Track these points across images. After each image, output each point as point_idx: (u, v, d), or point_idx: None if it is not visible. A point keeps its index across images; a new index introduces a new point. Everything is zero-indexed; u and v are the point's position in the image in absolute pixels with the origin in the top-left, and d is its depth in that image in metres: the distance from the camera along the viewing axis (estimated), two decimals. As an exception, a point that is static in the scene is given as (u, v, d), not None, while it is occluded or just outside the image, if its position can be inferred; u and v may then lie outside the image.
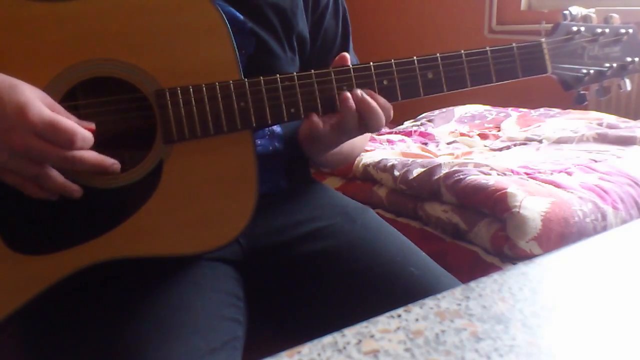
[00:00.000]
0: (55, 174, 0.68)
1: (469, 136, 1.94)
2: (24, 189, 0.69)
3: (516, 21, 2.88)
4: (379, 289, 0.84)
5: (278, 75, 0.78)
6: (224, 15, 0.76)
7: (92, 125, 0.70)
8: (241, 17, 0.86)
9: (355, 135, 0.85)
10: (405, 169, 1.43)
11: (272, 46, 0.90)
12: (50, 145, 0.66)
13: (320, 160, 1.02)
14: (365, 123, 0.81)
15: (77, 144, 0.67)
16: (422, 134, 1.96)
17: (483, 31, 3.00)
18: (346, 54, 0.83)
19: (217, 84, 0.75)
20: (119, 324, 0.72)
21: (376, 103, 0.81)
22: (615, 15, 0.93)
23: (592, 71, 0.92)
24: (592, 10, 0.94)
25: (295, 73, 0.79)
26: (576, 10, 0.93)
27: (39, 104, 0.66)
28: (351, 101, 0.79)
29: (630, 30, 0.93)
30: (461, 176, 1.31)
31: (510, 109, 2.19)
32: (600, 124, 1.81)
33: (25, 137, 0.65)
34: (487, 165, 1.40)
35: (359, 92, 0.80)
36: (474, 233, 1.25)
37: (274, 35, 0.90)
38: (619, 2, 2.42)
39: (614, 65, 0.93)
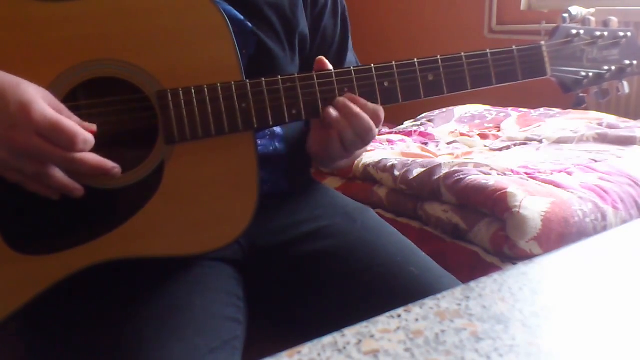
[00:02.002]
0: (57, 173, 0.69)
1: (469, 136, 1.94)
2: (25, 185, 0.70)
3: (516, 21, 2.88)
4: (379, 289, 0.84)
5: (280, 76, 0.78)
6: (226, 17, 0.76)
7: (94, 127, 0.70)
8: (241, 17, 0.86)
9: (356, 145, 0.83)
10: (405, 169, 1.44)
11: (272, 46, 0.90)
12: (51, 145, 0.66)
13: (328, 167, 1.01)
14: (352, 128, 0.80)
15: (79, 145, 0.67)
16: (422, 134, 1.96)
17: (483, 31, 3.00)
18: (323, 58, 0.82)
19: (218, 84, 0.75)
20: (119, 323, 0.72)
21: (359, 107, 0.79)
22: (614, 19, 0.93)
23: (591, 74, 0.92)
24: (592, 10, 0.94)
25: (296, 74, 0.79)
26: (576, 10, 0.93)
27: (43, 103, 0.66)
28: (333, 113, 0.79)
29: (629, 34, 0.93)
30: (461, 176, 1.31)
31: (510, 109, 2.19)
32: (600, 124, 1.81)
33: (27, 136, 0.65)
34: (487, 165, 1.40)
35: (340, 99, 0.79)
36: (474, 233, 1.25)
37: (274, 35, 0.90)
38: (619, 2, 2.42)
39: (613, 68, 0.93)
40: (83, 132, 0.67)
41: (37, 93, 0.67)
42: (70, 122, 0.67)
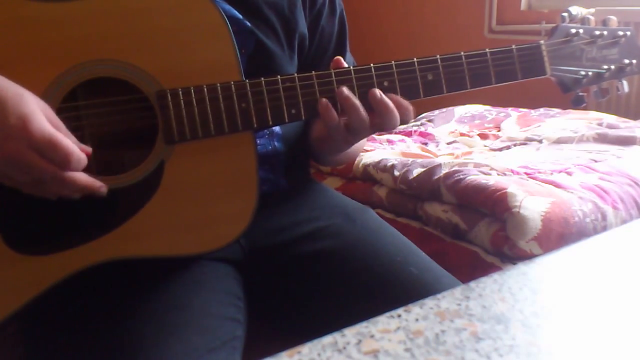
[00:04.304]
0: (49, 184, 0.68)
1: (469, 136, 1.94)
2: (22, 190, 0.69)
3: (516, 21, 2.89)
4: (379, 289, 0.84)
5: (279, 76, 0.78)
6: (225, 16, 0.76)
7: (89, 150, 0.69)
8: (240, 16, 0.86)
9: (367, 135, 0.84)
10: (405, 169, 1.44)
11: (271, 45, 0.90)
12: (44, 161, 0.65)
13: (328, 160, 1.01)
14: (379, 122, 0.80)
15: (72, 165, 0.65)
16: (422, 134, 1.96)
17: (483, 31, 3.00)
18: (340, 58, 0.82)
19: (218, 84, 0.75)
20: (118, 323, 0.72)
21: (392, 102, 0.80)
22: (613, 18, 0.93)
23: (590, 73, 0.92)
24: (592, 10, 0.94)
25: (296, 74, 0.79)
26: (576, 10, 0.93)
27: (43, 118, 0.65)
28: (352, 99, 0.79)
29: (628, 33, 0.93)
30: (461, 176, 1.31)
31: (510, 109, 2.19)
32: (600, 124, 1.81)
33: (21, 148, 0.63)
34: (487, 165, 1.40)
35: (377, 91, 0.79)
36: (474, 233, 1.25)
37: (272, 34, 0.90)
38: (619, 2, 2.42)
39: (612, 67, 0.93)
40: (78, 151, 0.66)
41: (39, 107, 0.66)
42: (66, 140, 0.65)
